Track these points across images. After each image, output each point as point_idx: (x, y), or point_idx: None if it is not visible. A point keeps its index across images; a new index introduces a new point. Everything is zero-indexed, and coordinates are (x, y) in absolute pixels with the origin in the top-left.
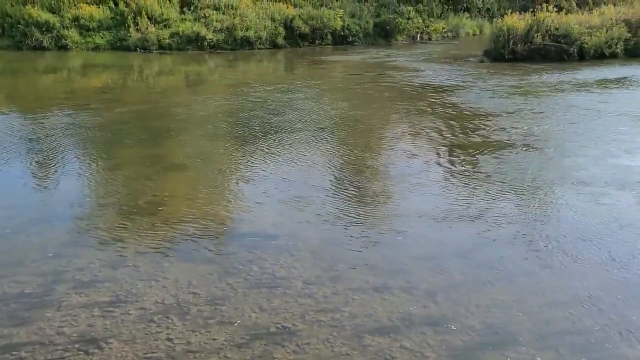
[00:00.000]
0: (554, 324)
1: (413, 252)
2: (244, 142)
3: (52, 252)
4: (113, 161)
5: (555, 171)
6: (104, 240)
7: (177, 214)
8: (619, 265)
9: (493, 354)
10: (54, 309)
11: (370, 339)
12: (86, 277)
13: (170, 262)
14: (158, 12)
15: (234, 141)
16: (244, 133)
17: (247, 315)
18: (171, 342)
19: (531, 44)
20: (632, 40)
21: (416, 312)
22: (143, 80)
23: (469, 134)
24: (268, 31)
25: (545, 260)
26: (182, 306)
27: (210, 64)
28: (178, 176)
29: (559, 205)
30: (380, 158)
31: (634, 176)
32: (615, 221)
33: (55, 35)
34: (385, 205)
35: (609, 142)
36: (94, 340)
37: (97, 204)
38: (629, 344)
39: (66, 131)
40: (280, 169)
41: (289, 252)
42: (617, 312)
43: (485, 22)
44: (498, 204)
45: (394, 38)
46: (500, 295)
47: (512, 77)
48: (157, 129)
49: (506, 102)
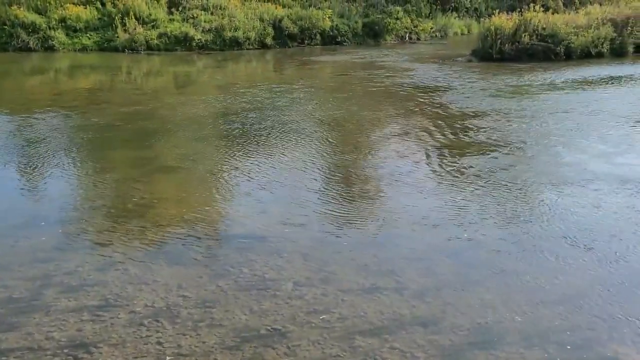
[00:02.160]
0: (541, 323)
1: (403, 253)
2: (233, 144)
3: (40, 256)
4: (101, 163)
5: (543, 171)
6: (93, 244)
7: (167, 216)
8: (606, 264)
9: (482, 353)
10: (43, 313)
11: (360, 340)
12: (75, 281)
13: (160, 265)
14: (146, 13)
15: (223, 143)
16: (233, 134)
17: (237, 318)
18: (161, 346)
19: (519, 44)
20: (617, 39)
21: (406, 312)
22: (131, 82)
23: (458, 134)
24: (257, 31)
25: (533, 260)
26: (172, 309)
27: (199, 64)
28: (167, 178)
29: (546, 205)
30: (369, 159)
31: (621, 176)
32: (602, 220)
33: (41, 37)
34: (374, 206)
35: (596, 142)
36: (84, 344)
37: (85, 207)
38: (617, 342)
39: (53, 133)
40: (270, 171)
41: (279, 254)
42: (605, 310)
43: (473, 22)
44: (486, 203)
45: (383, 38)
46: (489, 294)
47: (500, 77)
48: (146, 130)
49: (494, 102)
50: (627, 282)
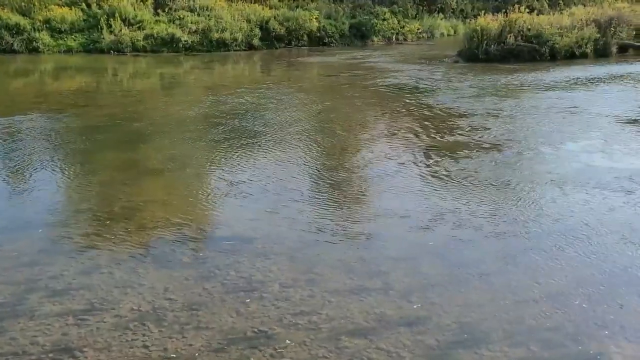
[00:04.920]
0: (525, 321)
1: (389, 253)
2: (220, 146)
3: (25, 260)
4: (87, 166)
5: (529, 171)
6: (79, 247)
7: (153, 219)
8: (589, 263)
9: (467, 352)
10: (27, 318)
11: (346, 341)
12: (60, 285)
13: (146, 268)
14: (132, 14)
15: (210, 144)
16: (220, 136)
17: (223, 320)
18: (147, 349)
19: (504, 45)
20: (601, 40)
21: (392, 312)
22: (117, 83)
23: (444, 135)
24: (244, 33)
25: (518, 259)
26: (158, 312)
27: (186, 66)
28: (153, 181)
29: (531, 205)
30: (356, 160)
31: (607, 176)
32: (586, 220)
33: (26, 38)
34: (361, 206)
35: (582, 142)
36: (69, 349)
37: (71, 211)
38: (598, 340)
39: (39, 136)
40: (257, 172)
41: (265, 256)
42: (587, 309)
43: (459, 22)
44: (472, 204)
45: (370, 39)
46: (474, 294)
47: (485, 78)
48: (132, 132)
49: (480, 102)
50: (608, 281)
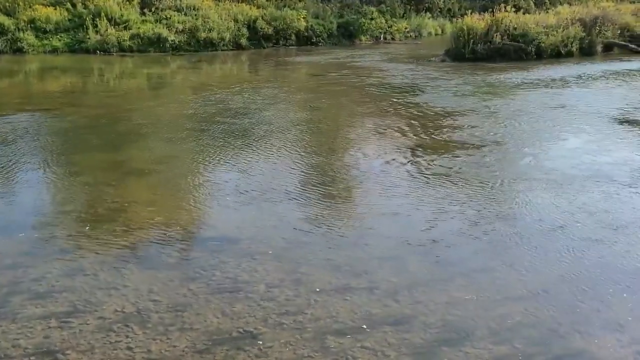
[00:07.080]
0: (509, 319)
1: (375, 252)
2: (207, 146)
3: (7, 262)
4: (72, 167)
5: (515, 169)
6: (62, 249)
7: (138, 220)
8: (573, 261)
9: (451, 349)
10: (9, 321)
11: (332, 340)
12: (42, 287)
13: (130, 270)
14: (118, 14)
15: (196, 145)
16: (207, 137)
17: (209, 321)
18: (131, 351)
19: (491, 44)
20: (586, 39)
21: (378, 311)
22: (103, 84)
23: (431, 134)
24: (231, 32)
25: (502, 257)
26: (142, 314)
27: (173, 66)
28: (139, 181)
29: (517, 203)
30: (343, 159)
31: (593, 173)
32: (572, 217)
33: (10, 38)
34: (347, 206)
35: (569, 139)
36: (51, 352)
37: (55, 212)
38: (581, 336)
39: (23, 137)
40: (243, 172)
41: (251, 256)
42: (571, 306)
43: (446, 22)
44: (459, 202)
45: (358, 38)
46: (459, 292)
47: (472, 77)
48: (118, 133)
49: (467, 101)
50: (592, 279)
